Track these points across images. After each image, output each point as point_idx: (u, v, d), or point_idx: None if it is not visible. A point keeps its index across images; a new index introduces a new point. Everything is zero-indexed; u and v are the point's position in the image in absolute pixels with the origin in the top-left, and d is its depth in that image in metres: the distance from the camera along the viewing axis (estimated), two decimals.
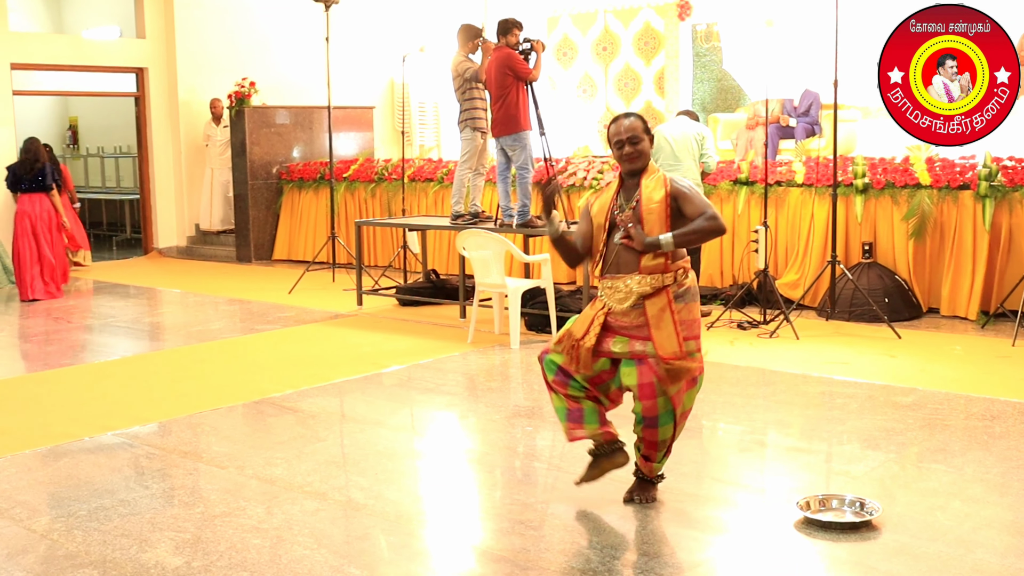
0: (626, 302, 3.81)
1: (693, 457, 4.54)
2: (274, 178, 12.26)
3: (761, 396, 5.63)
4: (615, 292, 3.84)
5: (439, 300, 8.54)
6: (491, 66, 7.56)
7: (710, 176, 8.21)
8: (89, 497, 4.20)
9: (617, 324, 3.82)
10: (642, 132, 3.87)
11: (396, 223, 9.11)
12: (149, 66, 12.57)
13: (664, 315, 3.74)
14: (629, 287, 3.81)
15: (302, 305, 8.88)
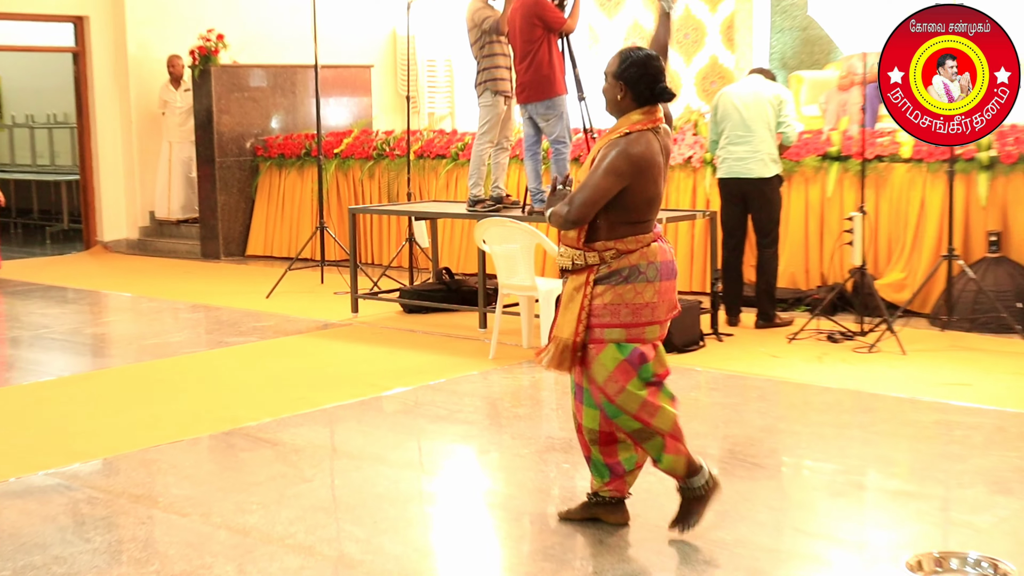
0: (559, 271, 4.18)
1: (771, 502, 4.49)
2: (248, 154, 12.32)
3: (858, 426, 5.57)
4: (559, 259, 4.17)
5: (453, 306, 8.54)
6: (515, 15, 7.54)
7: (790, 149, 8.15)
8: (14, 553, 4.20)
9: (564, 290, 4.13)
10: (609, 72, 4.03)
11: (400, 210, 9.10)
12: (90, 13, 12.67)
13: (576, 296, 4.03)
14: (560, 256, 4.12)
15: (283, 312, 8.90)
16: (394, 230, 11.02)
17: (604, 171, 3.91)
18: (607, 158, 3.93)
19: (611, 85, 4.05)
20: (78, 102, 12.86)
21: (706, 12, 12.14)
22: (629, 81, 4.00)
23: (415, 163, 10.74)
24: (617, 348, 3.99)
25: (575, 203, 3.95)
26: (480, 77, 8.01)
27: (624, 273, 3.96)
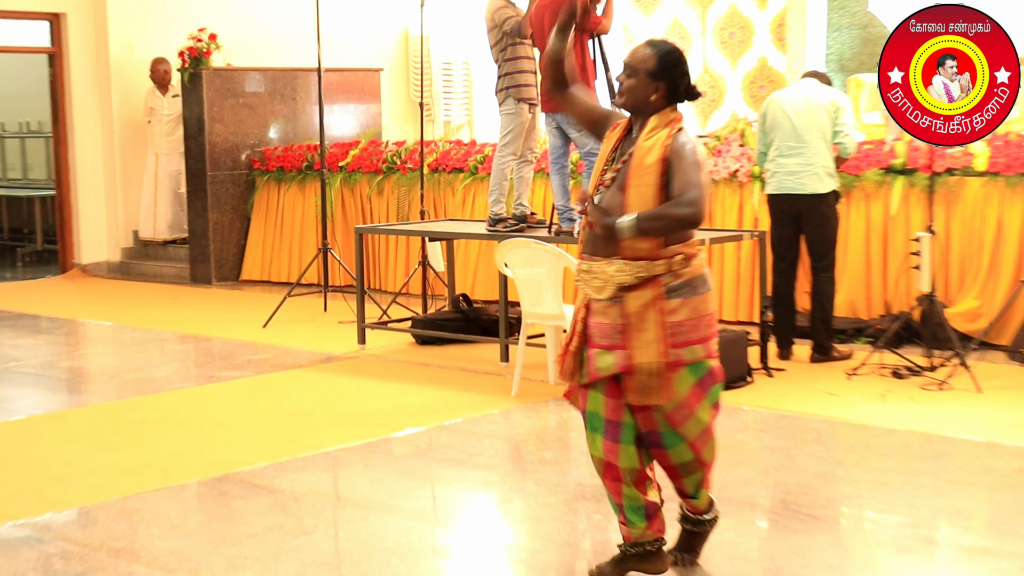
0: (602, 292, 4.06)
1: (828, 559, 4.47)
2: (243, 167, 12.40)
3: (927, 473, 5.53)
4: (592, 278, 4.10)
5: (472, 337, 8.54)
6: (543, 13, 7.57)
7: (849, 161, 8.12)
8: None
9: (595, 323, 4.09)
10: (644, 70, 4.09)
11: (412, 230, 9.12)
12: (68, 10, 12.80)
13: (647, 314, 4.00)
14: (608, 275, 4.04)
15: (281, 344, 8.93)
16: (405, 252, 11.04)
17: (697, 164, 3.96)
18: (686, 150, 3.97)
19: (644, 83, 4.10)
20: (54, 109, 12.97)
21: (754, 9, 12.14)
22: (670, 82, 4.11)
23: (429, 177, 10.77)
24: (691, 370, 4.06)
25: (698, 198, 3.90)
26: (501, 83, 8.04)
27: (695, 283, 4.05)
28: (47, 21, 12.78)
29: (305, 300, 10.49)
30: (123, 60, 12.85)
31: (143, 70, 12.80)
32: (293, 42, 13.14)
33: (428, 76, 13.99)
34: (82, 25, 12.80)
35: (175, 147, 12.78)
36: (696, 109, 12.30)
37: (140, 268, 12.92)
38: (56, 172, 13.11)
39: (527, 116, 8.11)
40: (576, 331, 4.12)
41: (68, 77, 12.82)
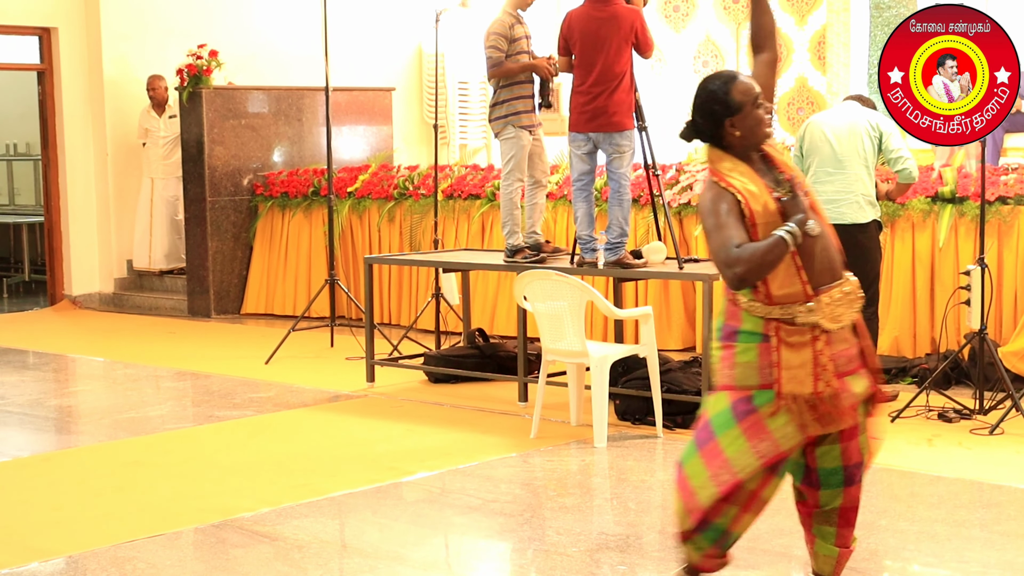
0: (845, 318, 4.08)
1: None
2: (245, 193, 12.46)
3: (977, 524, 5.51)
4: (836, 307, 4.07)
5: (488, 375, 8.55)
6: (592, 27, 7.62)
7: None
8: None
9: (840, 353, 4.07)
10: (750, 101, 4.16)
11: (425, 260, 9.15)
12: (59, 25, 12.87)
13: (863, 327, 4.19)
14: (850, 294, 4.10)
15: (285, 381, 8.96)
16: (418, 284, 11.07)
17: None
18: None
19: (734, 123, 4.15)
20: (43, 130, 13.03)
21: (792, 25, 12.19)
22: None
23: (443, 204, 10.81)
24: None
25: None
26: (498, 111, 8.15)
27: None
28: (36, 36, 12.84)
29: (311, 335, 10.52)
30: (117, 78, 12.93)
31: (139, 89, 12.87)
32: (299, 60, 13.20)
33: (443, 96, 14.04)
34: (74, 40, 12.88)
35: (172, 171, 12.83)
36: None
37: (134, 300, 12.98)
38: (45, 197, 13.17)
39: (528, 140, 8.19)
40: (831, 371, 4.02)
41: (59, 96, 12.89)
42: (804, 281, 4.00)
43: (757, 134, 4.09)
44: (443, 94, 14.02)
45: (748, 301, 4.03)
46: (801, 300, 4.01)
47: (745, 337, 4.04)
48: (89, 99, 12.97)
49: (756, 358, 4.00)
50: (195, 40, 12.41)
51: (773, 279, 3.98)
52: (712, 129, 4.11)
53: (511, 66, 8.09)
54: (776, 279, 3.98)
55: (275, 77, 13.09)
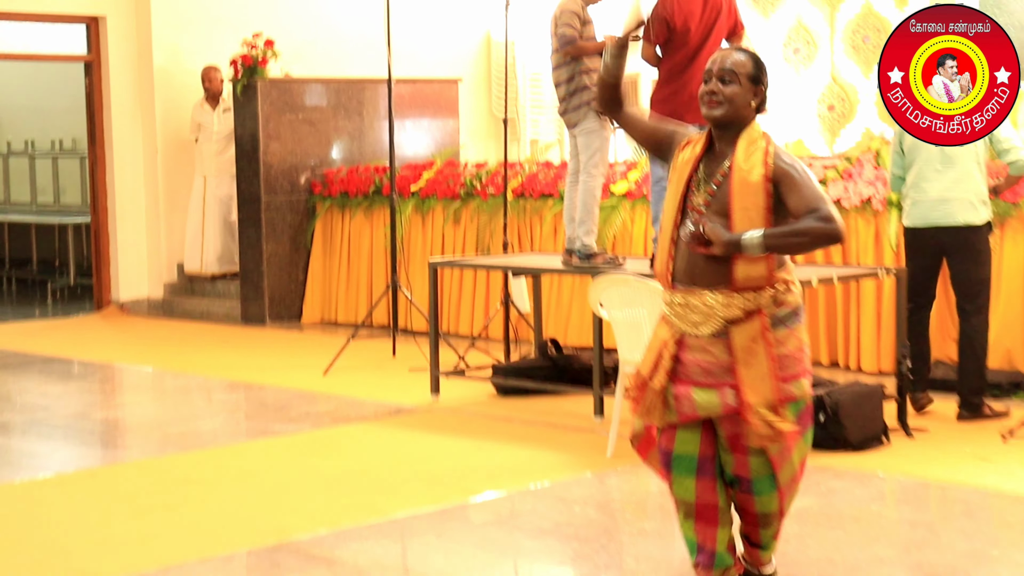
0: (704, 326, 4.25)
1: None
2: (302, 192, 12.54)
3: None
4: (689, 312, 4.27)
5: (561, 387, 8.53)
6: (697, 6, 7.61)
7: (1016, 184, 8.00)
8: None
9: (692, 360, 4.26)
10: (743, 74, 4.35)
11: (493, 264, 9.15)
12: (107, 13, 13.02)
13: (756, 348, 4.21)
14: (710, 307, 4.23)
15: (344, 394, 9.00)
16: (486, 290, 11.08)
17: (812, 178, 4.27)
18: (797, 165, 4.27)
19: (746, 90, 4.37)
20: (90, 125, 13.20)
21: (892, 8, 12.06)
22: (766, 88, 4.45)
23: (513, 204, 10.81)
24: (792, 407, 4.30)
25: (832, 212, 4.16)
26: (577, 98, 8.11)
27: (799, 311, 4.32)
28: (84, 25, 13.00)
29: (371, 344, 10.56)
30: (169, 69, 13.06)
31: (191, 80, 13.00)
32: (360, 49, 13.27)
33: (513, 88, 14.05)
34: (123, 30, 13.02)
35: (226, 168, 12.94)
36: (823, 126, 12.23)
37: (185, 306, 13.10)
38: (92, 197, 13.34)
39: (610, 131, 8.19)
40: (663, 367, 4.30)
41: (107, 89, 13.05)
42: (669, 269, 4.33)
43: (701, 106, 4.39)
44: (513, 85, 14.03)
45: None
46: (666, 286, 4.35)
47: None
48: (138, 92, 13.11)
49: None
50: (249, 29, 12.50)
51: (658, 252, 4.40)
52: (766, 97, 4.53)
53: (585, 44, 8.07)
54: (658, 252, 4.37)
55: (334, 68, 13.16)
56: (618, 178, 10.18)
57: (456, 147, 13.10)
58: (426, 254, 11.50)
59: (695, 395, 4.26)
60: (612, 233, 10.00)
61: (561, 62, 8.16)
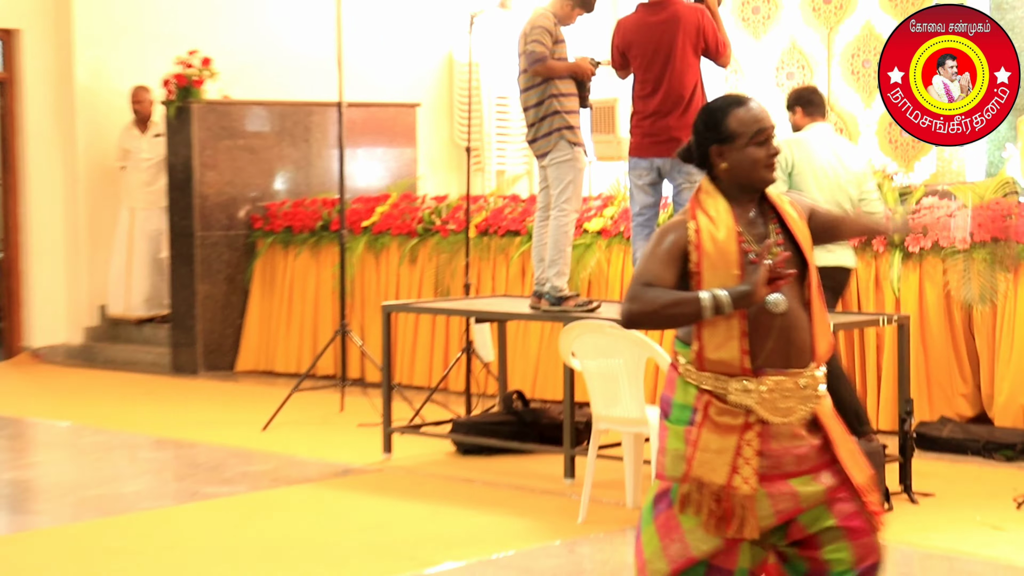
0: (798, 411, 4.06)
1: None
2: (242, 227, 12.53)
3: None
4: (780, 398, 4.06)
5: (528, 445, 8.54)
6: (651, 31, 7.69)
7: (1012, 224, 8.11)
8: None
9: (782, 450, 4.06)
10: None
11: (454, 308, 9.16)
12: (23, 27, 12.97)
13: (834, 423, 4.13)
14: (806, 388, 4.08)
15: (285, 452, 8.99)
16: (445, 337, 11.10)
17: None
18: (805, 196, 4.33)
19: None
20: (3, 150, 13.13)
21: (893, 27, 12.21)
22: None
23: (476, 242, 10.83)
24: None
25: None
26: (547, 124, 8.16)
27: None
28: None
29: (316, 396, 10.53)
30: (93, 89, 13.03)
31: (118, 102, 12.96)
32: (307, 69, 13.26)
33: (477, 113, 14.08)
34: (41, 44, 12.98)
35: (156, 200, 12.90)
36: None
37: (108, 353, 13.05)
38: (4, 231, 13.27)
39: (584, 162, 8.24)
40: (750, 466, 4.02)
41: (22, 110, 13.00)
42: (744, 351, 4.03)
43: (749, 175, 4.13)
44: (477, 111, 14.06)
45: (684, 364, 4.10)
46: (737, 373, 4.04)
47: (677, 413, 4.09)
48: (58, 114, 13.07)
49: (684, 445, 4.04)
50: (185, 45, 12.48)
51: (709, 337, 4.03)
52: (699, 152, 4.21)
53: (557, 64, 8.11)
54: (713, 338, 4.03)
55: (279, 90, 13.16)
56: (593, 214, 10.23)
57: (413, 178, 13.11)
58: (379, 297, 11.46)
59: (796, 487, 4.05)
60: (586, 275, 10.02)
61: (530, 84, 8.20)
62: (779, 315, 4.02)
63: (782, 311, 4.01)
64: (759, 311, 4.01)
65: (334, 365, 11.03)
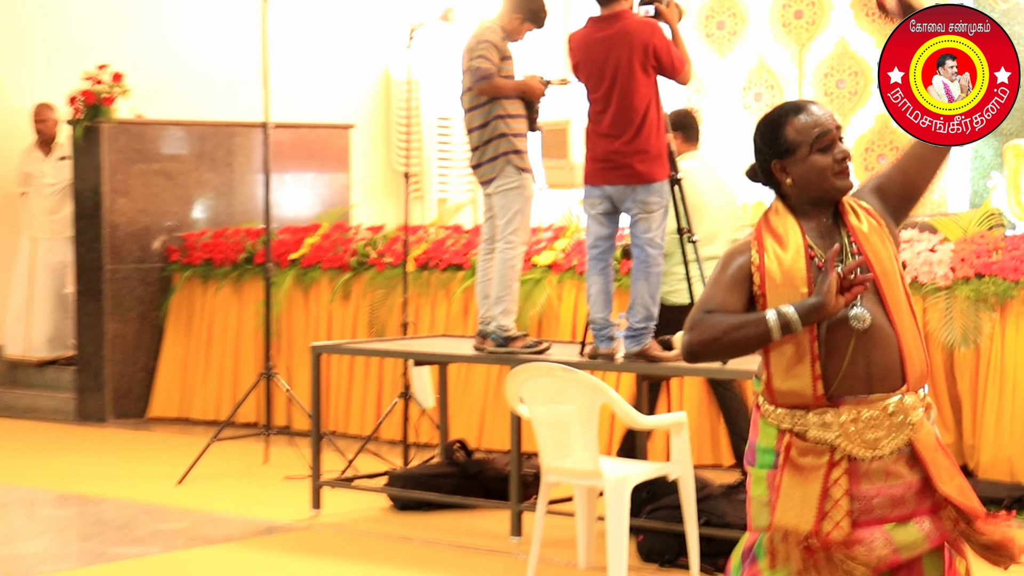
0: (886, 445, 3.96)
1: None
2: (156, 259, 12.49)
3: None
4: (866, 429, 3.97)
5: (471, 500, 8.53)
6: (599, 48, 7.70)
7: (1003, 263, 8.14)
8: None
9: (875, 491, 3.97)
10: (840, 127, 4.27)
11: (391, 350, 9.14)
12: None
13: (939, 456, 3.99)
14: (893, 415, 3.97)
15: (203, 508, 8.93)
16: (381, 381, 11.08)
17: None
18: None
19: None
20: None
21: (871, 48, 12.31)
22: None
23: (415, 277, 10.83)
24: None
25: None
26: (493, 148, 8.18)
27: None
28: None
29: (238, 446, 10.49)
30: None
31: (19, 121, 12.91)
32: (230, 87, 13.26)
33: (417, 136, 14.11)
34: None
35: (60, 230, 12.84)
36: None
37: (5, 399, 12.95)
38: None
39: (533, 190, 8.24)
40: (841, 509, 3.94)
41: None
42: (816, 375, 3.94)
43: (820, 187, 4.11)
44: (417, 133, 14.09)
45: (762, 403, 4.04)
46: (810, 404, 3.97)
47: (760, 458, 4.04)
48: None
49: (767, 490, 4.00)
50: (94, 59, 12.43)
51: (777, 363, 3.98)
52: (762, 171, 4.18)
53: (504, 82, 8.12)
54: (780, 364, 3.97)
55: (198, 109, 13.15)
56: (543, 246, 10.24)
57: (347, 207, 13.13)
58: (308, 337, 11.44)
59: (893, 535, 3.95)
60: (535, 313, 10.04)
61: (474, 103, 8.20)
62: (858, 332, 3.94)
63: (865, 327, 3.94)
64: (833, 329, 3.94)
65: (257, 412, 10.99)
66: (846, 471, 3.94)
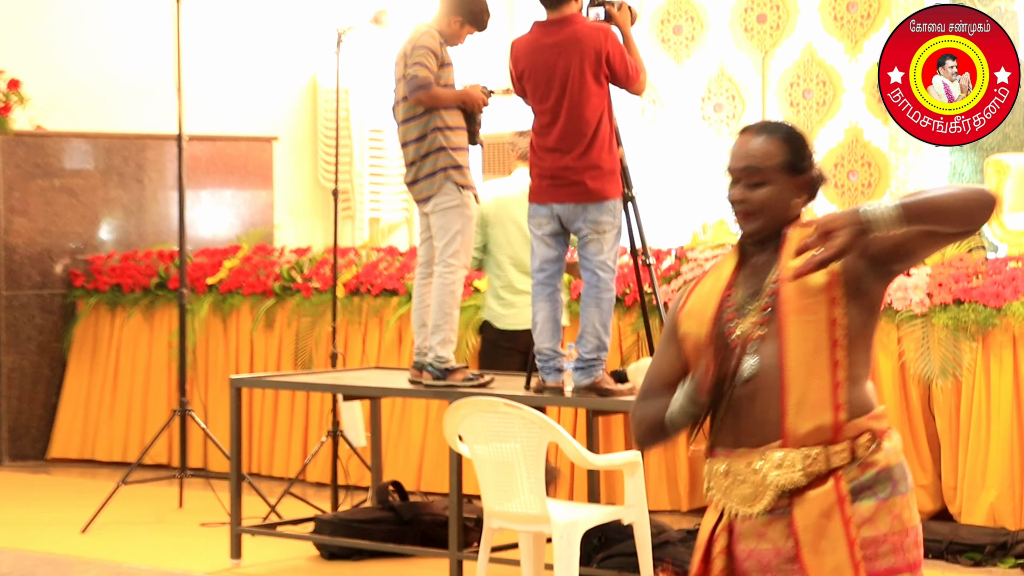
0: (757, 502, 3.99)
1: None
2: (58, 284, 12.45)
3: None
4: (736, 483, 4.04)
5: (406, 548, 8.55)
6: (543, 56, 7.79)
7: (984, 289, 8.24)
8: None
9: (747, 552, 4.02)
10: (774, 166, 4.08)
11: (318, 383, 9.16)
12: None
13: (830, 526, 3.93)
14: (761, 473, 3.99)
15: (112, 558, 8.93)
16: (306, 417, 11.10)
17: None
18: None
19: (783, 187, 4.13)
20: None
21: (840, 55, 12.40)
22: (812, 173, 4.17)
23: (345, 303, 10.85)
24: None
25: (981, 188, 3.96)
26: (429, 164, 8.23)
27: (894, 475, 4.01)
28: None
29: (149, 490, 10.46)
30: None
31: None
32: (141, 96, 13.15)
33: (347, 149, 14.09)
34: None
35: None
36: None
37: None
38: None
39: (475, 209, 8.32)
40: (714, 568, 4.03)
41: None
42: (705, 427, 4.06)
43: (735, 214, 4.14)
44: (346, 147, 14.08)
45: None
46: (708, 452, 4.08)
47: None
48: None
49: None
50: None
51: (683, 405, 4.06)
52: None
53: (443, 91, 8.17)
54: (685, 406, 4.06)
55: (105, 120, 13.04)
56: None
57: (270, 227, 13.10)
58: (227, 370, 11.41)
59: None
60: (477, 343, 10.06)
61: (410, 115, 8.24)
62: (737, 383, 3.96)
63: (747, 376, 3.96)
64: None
65: (170, 452, 10.97)
66: (725, 527, 4.04)
